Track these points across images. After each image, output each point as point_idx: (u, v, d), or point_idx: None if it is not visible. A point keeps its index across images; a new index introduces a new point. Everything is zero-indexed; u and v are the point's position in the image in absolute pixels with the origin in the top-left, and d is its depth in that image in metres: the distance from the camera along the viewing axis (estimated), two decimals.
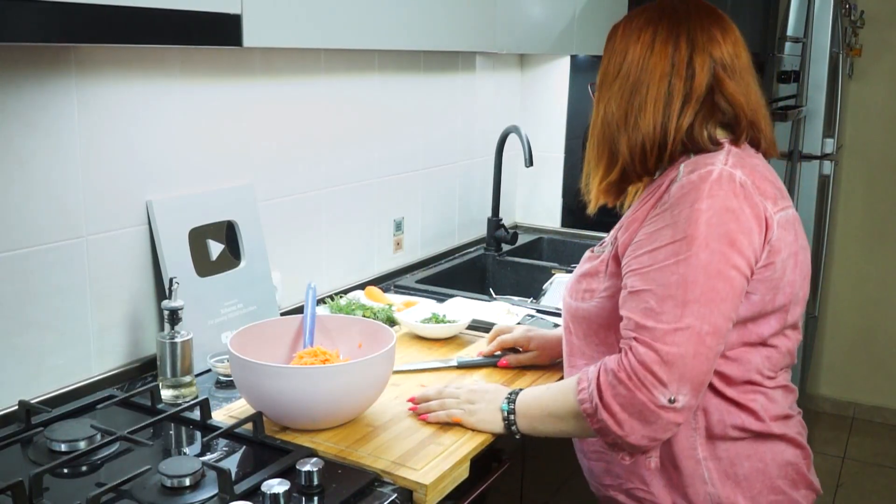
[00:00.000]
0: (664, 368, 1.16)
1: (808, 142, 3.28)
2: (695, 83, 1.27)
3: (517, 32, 2.11)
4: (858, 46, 3.67)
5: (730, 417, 1.28)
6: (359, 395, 1.34)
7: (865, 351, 4.01)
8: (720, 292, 1.18)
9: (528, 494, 1.64)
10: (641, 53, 1.29)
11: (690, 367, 1.16)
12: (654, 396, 1.16)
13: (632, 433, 1.19)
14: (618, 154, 1.32)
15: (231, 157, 1.75)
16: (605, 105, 1.33)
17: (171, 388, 1.47)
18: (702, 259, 1.17)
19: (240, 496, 1.13)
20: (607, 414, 1.19)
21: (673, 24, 1.30)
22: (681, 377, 1.16)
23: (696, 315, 1.16)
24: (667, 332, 1.16)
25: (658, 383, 1.16)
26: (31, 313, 1.40)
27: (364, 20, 1.58)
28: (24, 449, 1.29)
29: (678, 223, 1.20)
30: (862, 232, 3.94)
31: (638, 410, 1.17)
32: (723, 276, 1.18)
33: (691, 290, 1.17)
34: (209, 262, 1.67)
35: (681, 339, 1.16)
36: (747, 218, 1.20)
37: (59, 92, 1.40)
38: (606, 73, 1.34)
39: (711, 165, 1.23)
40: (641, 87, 1.29)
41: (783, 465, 1.32)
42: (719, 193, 1.20)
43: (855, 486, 3.43)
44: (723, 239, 1.18)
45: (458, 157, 2.55)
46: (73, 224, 1.45)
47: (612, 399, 1.19)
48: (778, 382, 1.32)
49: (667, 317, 1.17)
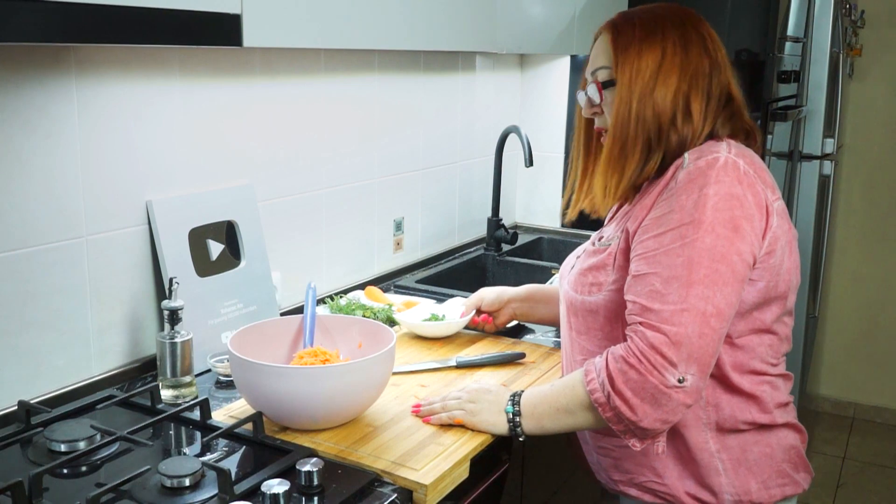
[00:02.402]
0: (672, 349, 1.18)
1: (808, 142, 3.28)
2: (722, 78, 1.33)
3: (517, 32, 2.11)
4: (858, 46, 3.67)
5: (740, 413, 1.31)
6: (359, 395, 1.34)
7: (865, 351, 4.01)
8: (723, 275, 1.20)
9: (528, 494, 1.64)
10: (678, 50, 1.31)
11: (696, 347, 1.18)
12: (664, 378, 1.18)
13: (645, 417, 1.20)
14: (657, 149, 1.31)
15: (231, 157, 1.75)
16: (643, 101, 1.30)
17: (171, 388, 1.47)
18: (707, 242, 1.20)
19: (240, 496, 1.13)
20: (620, 400, 1.21)
21: (691, 25, 1.33)
22: (688, 356, 1.18)
23: (700, 296, 1.19)
24: (673, 312, 1.19)
25: (668, 364, 1.18)
26: (31, 313, 1.40)
27: (364, 20, 1.58)
28: (24, 449, 1.29)
29: (685, 207, 1.22)
30: (862, 232, 3.94)
31: (650, 394, 1.19)
32: (726, 259, 1.20)
33: (695, 272, 1.19)
34: (209, 262, 1.67)
35: (686, 320, 1.18)
36: (750, 205, 1.23)
37: (59, 92, 1.40)
38: (637, 70, 1.31)
39: (717, 153, 1.26)
40: (688, 83, 1.30)
41: (787, 448, 1.36)
42: (725, 179, 1.23)
43: (855, 486, 3.43)
44: (728, 224, 1.21)
45: (458, 157, 2.55)
46: (73, 224, 1.45)
47: (624, 385, 1.20)
48: (779, 370, 1.36)
49: (672, 297, 1.19)
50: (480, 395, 1.40)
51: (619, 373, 1.21)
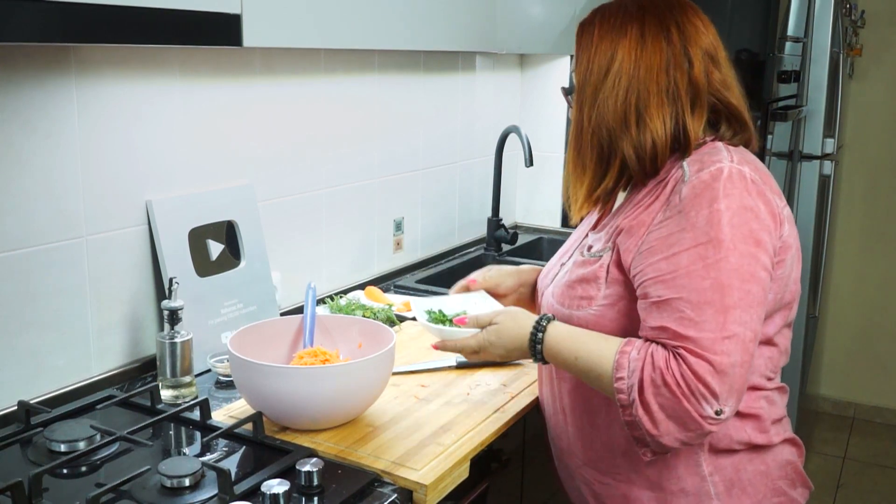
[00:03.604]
0: (717, 379, 1.10)
1: (808, 142, 3.28)
2: (694, 74, 1.23)
3: (517, 32, 2.11)
4: (859, 46, 3.67)
5: (736, 433, 1.25)
6: (359, 395, 1.34)
7: (865, 351, 4.01)
8: (756, 296, 1.14)
9: (528, 494, 1.64)
10: (633, 49, 1.23)
11: (738, 376, 1.12)
12: (701, 408, 1.11)
13: (666, 434, 1.13)
14: (614, 158, 1.25)
15: (231, 157, 1.75)
16: (593, 108, 1.25)
17: (170, 389, 1.47)
18: (732, 262, 1.13)
19: (240, 496, 1.12)
20: (643, 411, 1.13)
21: (658, 17, 1.24)
22: (731, 387, 1.11)
23: (739, 321, 1.12)
24: (715, 340, 1.11)
25: (710, 395, 1.10)
26: (31, 313, 1.40)
27: (364, 20, 1.58)
28: (24, 449, 1.29)
29: (698, 225, 1.15)
30: (862, 232, 3.94)
31: (679, 416, 1.12)
32: (755, 278, 1.14)
33: (729, 296, 1.12)
34: (209, 262, 1.67)
35: (730, 348, 1.11)
36: (764, 215, 1.17)
37: (59, 92, 1.40)
38: (590, 73, 1.26)
39: (720, 163, 1.18)
40: (640, 84, 1.22)
41: (783, 465, 1.31)
42: (734, 192, 1.15)
43: (855, 486, 3.43)
44: (748, 239, 1.14)
45: (458, 157, 2.55)
46: (73, 224, 1.45)
47: (653, 398, 1.13)
48: (776, 383, 1.31)
49: (709, 325, 1.11)
50: (503, 330, 1.32)
51: (653, 385, 1.13)
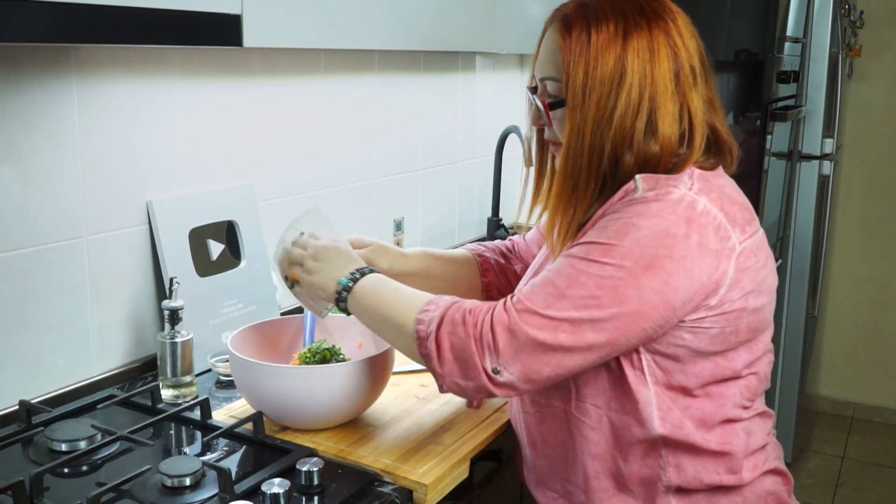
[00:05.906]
0: (505, 336, 1.08)
1: (808, 142, 3.28)
2: (696, 77, 1.15)
3: (517, 32, 2.11)
4: (858, 46, 3.67)
5: (707, 475, 1.17)
6: (359, 395, 1.34)
7: (865, 351, 4.01)
8: (603, 309, 1.07)
9: (528, 494, 1.64)
10: (641, 55, 1.12)
11: (529, 354, 1.08)
12: (483, 356, 1.09)
13: (449, 375, 1.12)
14: (609, 177, 1.15)
15: (231, 157, 1.75)
16: (599, 127, 1.13)
17: (171, 388, 1.47)
18: (605, 270, 1.07)
19: (240, 496, 1.13)
20: (435, 346, 1.12)
21: (643, 16, 1.14)
22: (516, 354, 1.08)
23: (564, 312, 1.08)
24: (529, 309, 1.09)
25: (493, 347, 1.09)
26: (31, 313, 1.41)
27: (364, 20, 1.58)
28: (25, 449, 1.29)
29: (607, 229, 1.10)
30: (861, 232, 3.94)
31: (463, 358, 1.10)
32: (617, 295, 1.06)
33: (574, 289, 1.08)
34: (209, 261, 1.67)
35: (537, 324, 1.08)
36: (690, 246, 1.07)
37: (59, 92, 1.40)
38: (591, 82, 1.12)
39: (674, 188, 1.11)
40: (642, 91, 1.12)
41: (763, 496, 1.22)
42: (669, 218, 1.08)
43: (855, 486, 3.43)
44: (640, 260, 1.06)
45: (458, 157, 2.55)
46: (73, 224, 1.45)
47: (447, 336, 1.12)
48: (755, 410, 1.22)
49: (538, 298, 1.09)
50: (328, 256, 1.29)
51: (451, 322, 1.12)
